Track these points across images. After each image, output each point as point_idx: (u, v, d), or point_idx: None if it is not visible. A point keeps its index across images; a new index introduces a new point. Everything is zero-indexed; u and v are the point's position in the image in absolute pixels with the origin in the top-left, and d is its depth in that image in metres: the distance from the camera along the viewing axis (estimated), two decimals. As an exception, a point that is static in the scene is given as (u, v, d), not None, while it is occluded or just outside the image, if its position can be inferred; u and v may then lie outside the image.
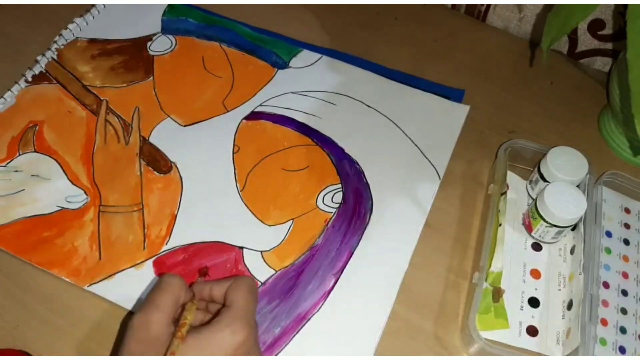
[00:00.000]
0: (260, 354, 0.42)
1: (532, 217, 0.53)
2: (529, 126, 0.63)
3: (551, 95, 0.66)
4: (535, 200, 0.53)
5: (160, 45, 0.66)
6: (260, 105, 0.62)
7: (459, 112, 0.63)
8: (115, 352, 0.47)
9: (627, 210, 0.57)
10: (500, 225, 0.52)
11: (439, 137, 0.61)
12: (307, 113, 0.62)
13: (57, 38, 0.65)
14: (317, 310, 0.49)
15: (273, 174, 0.57)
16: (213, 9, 0.70)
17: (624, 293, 0.52)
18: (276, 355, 0.47)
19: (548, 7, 0.67)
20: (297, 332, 0.48)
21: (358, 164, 0.58)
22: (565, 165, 0.53)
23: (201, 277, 0.47)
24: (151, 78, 0.64)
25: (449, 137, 0.61)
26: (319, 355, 0.48)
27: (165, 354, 0.37)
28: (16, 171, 0.56)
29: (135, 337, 0.38)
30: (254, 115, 0.61)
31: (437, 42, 0.70)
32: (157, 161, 0.58)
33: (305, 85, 0.64)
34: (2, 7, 0.69)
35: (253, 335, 0.40)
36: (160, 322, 0.38)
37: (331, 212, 0.55)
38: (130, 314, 0.49)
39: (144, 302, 0.40)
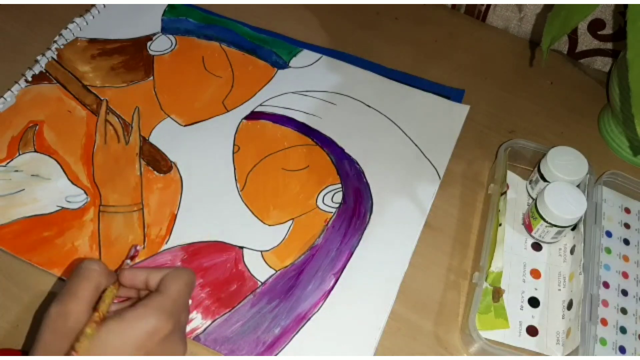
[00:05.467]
0: (185, 351, 0.38)
1: (532, 217, 0.53)
2: (529, 126, 0.63)
3: (551, 95, 0.66)
4: (535, 200, 0.53)
5: (160, 45, 0.66)
6: (260, 105, 0.62)
7: (458, 112, 0.63)
8: (31, 344, 0.44)
9: (627, 210, 0.57)
10: (500, 225, 0.52)
11: (439, 137, 0.61)
12: (307, 113, 0.62)
13: (57, 38, 0.65)
14: (317, 310, 0.49)
15: (273, 174, 0.57)
16: (213, 9, 0.70)
17: (624, 293, 0.52)
18: (276, 355, 0.47)
19: (548, 7, 0.67)
20: (297, 332, 0.48)
21: (358, 164, 0.58)
22: (565, 165, 0.53)
23: (129, 260, 0.43)
24: (151, 78, 0.64)
25: (449, 137, 0.61)
26: (319, 355, 0.48)
27: (75, 340, 0.34)
28: (16, 171, 0.56)
29: (52, 327, 0.36)
30: (254, 115, 0.61)
31: (437, 42, 0.70)
32: (157, 161, 0.58)
33: (305, 85, 0.64)
34: (2, 7, 0.69)
35: (178, 330, 0.37)
36: (79, 312, 0.36)
37: (331, 212, 0.55)
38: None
39: (62, 290, 0.37)
